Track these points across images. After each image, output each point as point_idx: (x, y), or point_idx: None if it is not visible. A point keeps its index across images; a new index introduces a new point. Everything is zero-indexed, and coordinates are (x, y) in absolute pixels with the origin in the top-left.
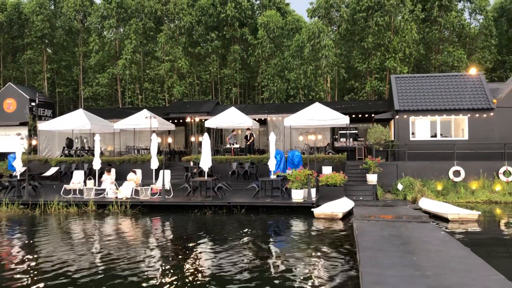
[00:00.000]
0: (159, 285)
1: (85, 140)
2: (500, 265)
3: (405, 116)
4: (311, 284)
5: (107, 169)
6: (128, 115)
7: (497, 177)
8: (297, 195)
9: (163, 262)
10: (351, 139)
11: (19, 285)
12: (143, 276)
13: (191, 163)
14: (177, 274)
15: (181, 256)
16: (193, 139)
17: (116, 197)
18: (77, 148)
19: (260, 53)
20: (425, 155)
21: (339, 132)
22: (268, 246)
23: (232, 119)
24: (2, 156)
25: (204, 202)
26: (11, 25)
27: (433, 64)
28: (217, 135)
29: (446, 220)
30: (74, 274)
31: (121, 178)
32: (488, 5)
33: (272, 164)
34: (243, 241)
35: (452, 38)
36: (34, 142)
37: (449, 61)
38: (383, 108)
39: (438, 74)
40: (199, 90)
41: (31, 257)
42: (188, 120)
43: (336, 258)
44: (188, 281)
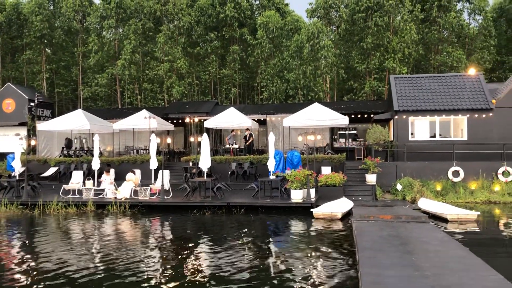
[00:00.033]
0: (158, 285)
1: (84, 141)
2: (499, 265)
3: (404, 117)
4: (311, 284)
5: (106, 169)
6: (127, 115)
7: (496, 178)
8: (296, 196)
9: (162, 262)
10: (350, 140)
11: (18, 286)
12: (142, 276)
13: (190, 164)
14: (176, 274)
15: (180, 257)
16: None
17: (115, 198)
18: (76, 148)
19: (259, 54)
20: (424, 155)
21: (338, 132)
22: (267, 246)
23: (231, 119)
24: (1, 157)
25: (203, 203)
26: (10, 25)
27: (432, 64)
28: (216, 136)
29: (445, 220)
30: (73, 274)
31: (120, 179)
32: (487, 5)
33: (271, 165)
34: (242, 241)
35: (451, 39)
36: (33, 142)
37: (448, 61)
38: (382, 109)
39: (437, 74)
40: (198, 90)
41: (30, 257)
42: (187, 120)
43: (335, 258)
44: (188, 281)
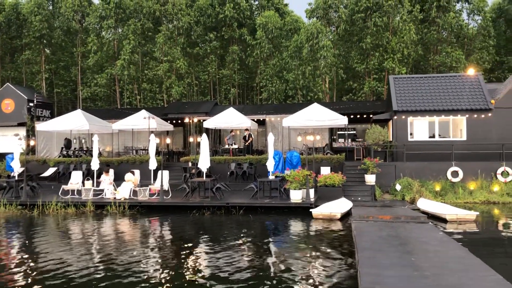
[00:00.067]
0: (157, 286)
1: (83, 141)
2: (498, 265)
3: (403, 117)
4: (310, 284)
5: (105, 169)
6: (126, 115)
7: (495, 178)
8: (296, 196)
9: (161, 262)
10: (349, 140)
11: (17, 286)
12: (142, 276)
13: (190, 164)
14: (175, 274)
15: (180, 257)
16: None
17: (115, 198)
18: (75, 148)
19: (259, 54)
20: (423, 155)
21: (338, 132)
22: (266, 247)
23: (230, 119)
24: (0, 157)
25: (202, 203)
26: (9, 26)
27: (432, 64)
28: (216, 136)
29: (444, 220)
30: (73, 274)
31: (119, 179)
32: (486, 5)
33: (270, 165)
34: (241, 241)
35: (450, 39)
36: (32, 143)
37: (447, 61)
38: (381, 109)
39: (436, 74)
40: (198, 90)
41: (29, 257)
42: (186, 120)
43: (335, 259)
44: (187, 281)
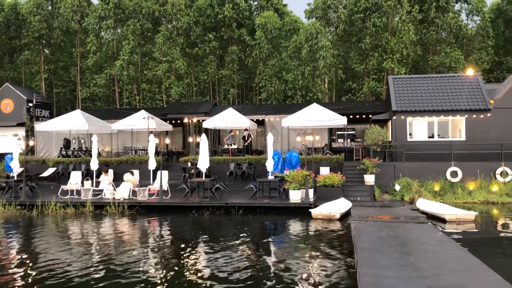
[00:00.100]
0: (156, 286)
1: (82, 141)
2: (498, 266)
3: (402, 117)
4: (309, 284)
5: (104, 169)
6: (125, 115)
7: (494, 178)
8: (295, 196)
9: (160, 262)
10: (348, 140)
11: (16, 286)
12: (141, 276)
13: (189, 164)
14: (174, 274)
15: (179, 257)
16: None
17: (114, 198)
18: (74, 148)
19: (258, 54)
20: (422, 155)
21: (337, 133)
22: (265, 247)
23: (230, 119)
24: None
25: (201, 203)
26: (8, 26)
27: (431, 65)
28: (215, 136)
29: (443, 220)
30: (72, 275)
31: (118, 179)
32: (485, 6)
33: (270, 165)
34: (240, 241)
35: (449, 39)
36: (31, 143)
37: (446, 62)
38: (380, 109)
39: (435, 75)
40: (197, 91)
41: (28, 258)
42: (186, 121)
43: (334, 259)
44: (186, 281)
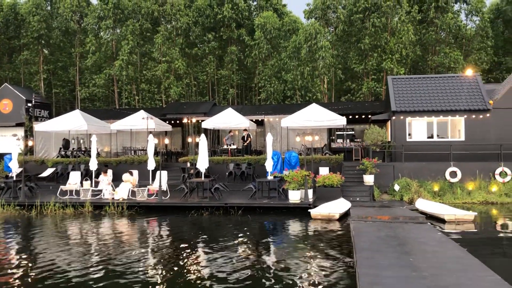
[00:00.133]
0: (155, 286)
1: (81, 141)
2: (496, 266)
3: (401, 117)
4: (308, 284)
5: (103, 170)
6: (124, 116)
7: (493, 178)
8: (294, 196)
9: (159, 263)
10: (348, 140)
11: (16, 286)
12: (140, 277)
13: (188, 164)
14: (173, 275)
15: (178, 257)
16: (190, 140)
17: (113, 198)
18: (73, 149)
19: (257, 54)
20: (421, 156)
21: (336, 133)
22: (265, 247)
23: (229, 120)
24: None
25: (201, 203)
26: (7, 26)
27: (430, 65)
28: (214, 136)
29: (442, 221)
30: (71, 275)
31: (117, 179)
32: (484, 6)
33: (269, 165)
34: (240, 242)
35: (448, 40)
36: (30, 143)
37: (445, 62)
38: (379, 109)
39: (434, 75)
40: (196, 91)
41: (27, 258)
42: (185, 121)
43: (333, 259)
44: (185, 282)
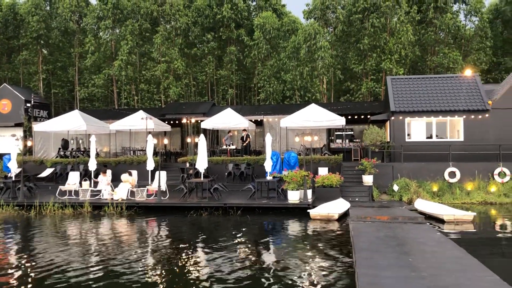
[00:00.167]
0: (155, 286)
1: (80, 141)
2: (496, 266)
3: (400, 118)
4: (307, 284)
5: (102, 170)
6: (124, 116)
7: (492, 178)
8: (293, 196)
9: (158, 263)
10: (347, 140)
11: (15, 286)
12: (139, 277)
13: (187, 164)
14: (172, 275)
15: (177, 258)
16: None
17: (112, 199)
18: (72, 149)
19: (256, 54)
20: (420, 156)
21: (335, 133)
22: (264, 247)
23: (228, 120)
24: None
25: (200, 204)
26: (6, 26)
27: (429, 65)
28: (213, 136)
29: (441, 221)
30: (70, 275)
31: (117, 179)
32: (483, 7)
33: (268, 165)
34: (239, 242)
35: (447, 40)
36: (29, 143)
37: (444, 62)
38: (379, 110)
39: (433, 75)
40: (195, 91)
41: (27, 258)
42: (184, 121)
43: (332, 259)
44: (184, 282)
